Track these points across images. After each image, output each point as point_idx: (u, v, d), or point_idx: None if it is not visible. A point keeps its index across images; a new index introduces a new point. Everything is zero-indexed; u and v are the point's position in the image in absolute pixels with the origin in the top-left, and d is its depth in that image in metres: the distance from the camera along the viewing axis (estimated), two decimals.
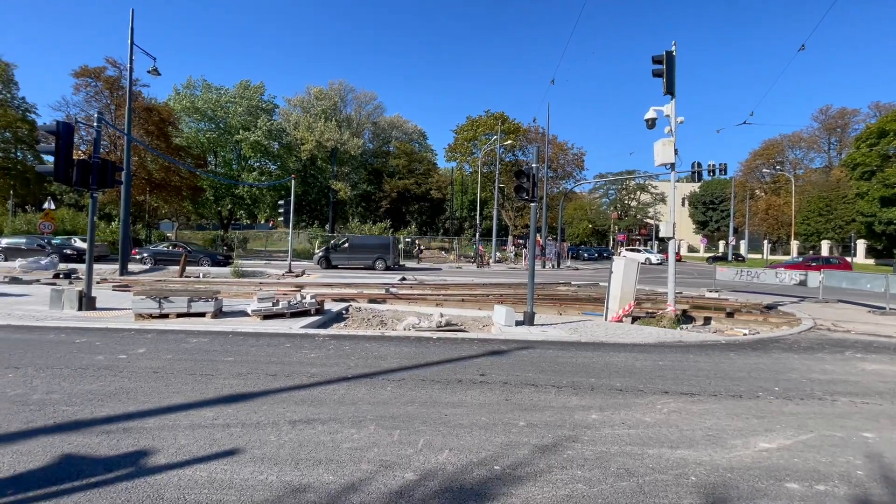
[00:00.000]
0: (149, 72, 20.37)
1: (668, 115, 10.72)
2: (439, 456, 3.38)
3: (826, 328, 9.97)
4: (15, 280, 15.09)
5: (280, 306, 9.23)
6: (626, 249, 50.01)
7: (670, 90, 10.55)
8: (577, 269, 33.84)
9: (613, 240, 69.30)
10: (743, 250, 53.49)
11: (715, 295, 14.97)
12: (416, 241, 36.84)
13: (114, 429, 3.72)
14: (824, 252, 47.84)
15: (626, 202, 69.61)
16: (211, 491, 2.82)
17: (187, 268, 20.39)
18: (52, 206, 28.82)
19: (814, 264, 28.35)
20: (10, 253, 23.76)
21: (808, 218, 49.66)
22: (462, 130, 51.08)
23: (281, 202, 25.25)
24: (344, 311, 10.81)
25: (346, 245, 26.08)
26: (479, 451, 3.50)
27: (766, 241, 55.37)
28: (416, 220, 60.32)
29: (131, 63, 19.23)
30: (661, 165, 10.90)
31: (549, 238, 40.74)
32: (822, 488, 3.08)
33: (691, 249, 65.73)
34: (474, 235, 42.83)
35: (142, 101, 30.25)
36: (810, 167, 60.22)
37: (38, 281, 15.26)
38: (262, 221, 56.64)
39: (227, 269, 21.75)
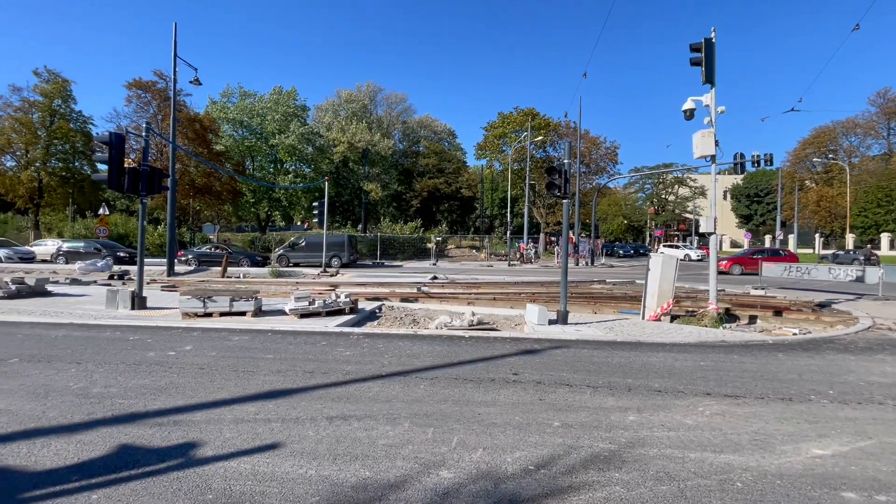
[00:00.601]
0: (191, 82, 21.39)
1: (707, 105, 10.28)
2: (473, 454, 3.39)
3: (887, 327, 9.30)
4: (75, 281, 16.21)
5: (316, 305, 9.48)
6: (664, 245, 48.34)
7: (710, 79, 10.11)
8: (612, 266, 33.01)
9: (650, 236, 67.11)
10: (792, 245, 50.55)
11: (761, 292, 14.25)
12: (435, 241, 37.03)
13: (165, 421, 3.94)
14: (884, 246, 44.57)
15: (663, 196, 67.18)
16: (254, 483, 2.94)
17: (228, 268, 21.29)
18: (107, 212, 30.74)
19: (757, 256, 27.64)
20: (71, 256, 25.55)
21: (865, 209, 46.39)
22: (492, 128, 50.74)
23: (315, 204, 25.94)
24: (377, 310, 10.99)
25: (304, 244, 27.44)
26: (512, 450, 3.48)
27: (817, 235, 52.11)
28: (446, 219, 60.46)
29: (175, 74, 20.24)
30: (701, 158, 10.47)
31: (583, 235, 39.93)
32: (884, 499, 2.89)
33: (734, 245, 62.77)
34: (505, 234, 42.52)
35: (185, 110, 31.83)
36: (867, 155, 56.08)
37: (95, 282, 16.33)
38: (298, 223, 58.32)
39: (265, 270, 22.56)
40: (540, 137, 44.11)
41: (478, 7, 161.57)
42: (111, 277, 17.91)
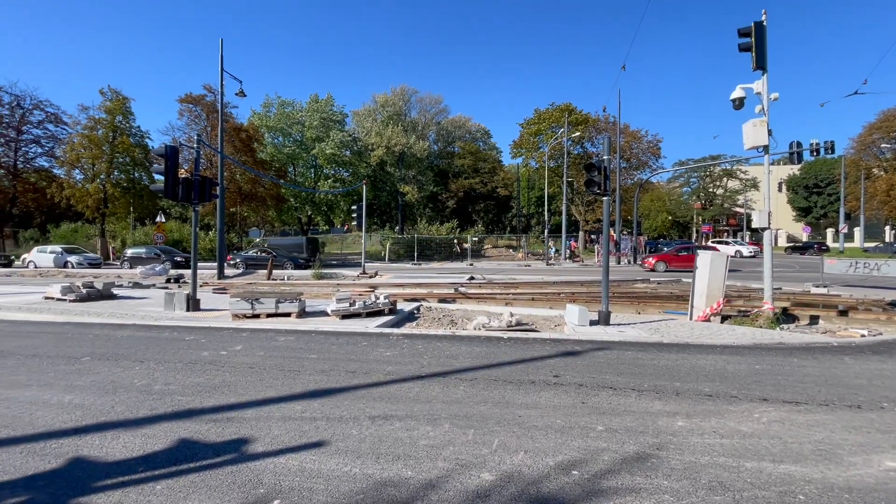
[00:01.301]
0: (236, 94, 22.47)
1: (758, 93, 9.70)
2: (514, 457, 3.37)
3: None
4: (136, 285, 17.41)
5: (356, 306, 9.72)
6: (713, 242, 45.95)
7: (761, 65, 9.54)
8: None
9: (697, 232, 64.03)
10: (858, 239, 46.73)
11: (823, 290, 13.27)
12: (472, 241, 36.93)
13: (219, 418, 4.16)
14: None
15: (710, 190, 63.86)
16: (302, 479, 3.05)
17: (273, 271, 22.18)
18: (163, 219, 32.81)
19: (683, 253, 27.27)
20: (134, 261, 27.53)
21: None
22: (527, 125, 50.07)
23: (354, 207, 26.56)
24: (415, 311, 11.12)
25: (267, 246, 30.13)
26: (555, 454, 3.42)
27: (888, 228, 47.88)
28: (482, 219, 60.29)
29: (222, 88, 21.34)
30: (753, 149, 9.90)
31: (624, 232, 38.65)
32: None
33: (791, 239, 58.74)
34: (542, 232, 41.85)
35: (231, 121, 33.49)
36: None
37: (153, 285, 17.48)
38: (338, 226, 60.00)
39: (307, 272, 23.34)
40: (577, 133, 43.12)
41: (510, 4, 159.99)
42: (168, 281, 19.11)
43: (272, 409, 4.41)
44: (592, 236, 47.32)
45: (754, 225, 10.28)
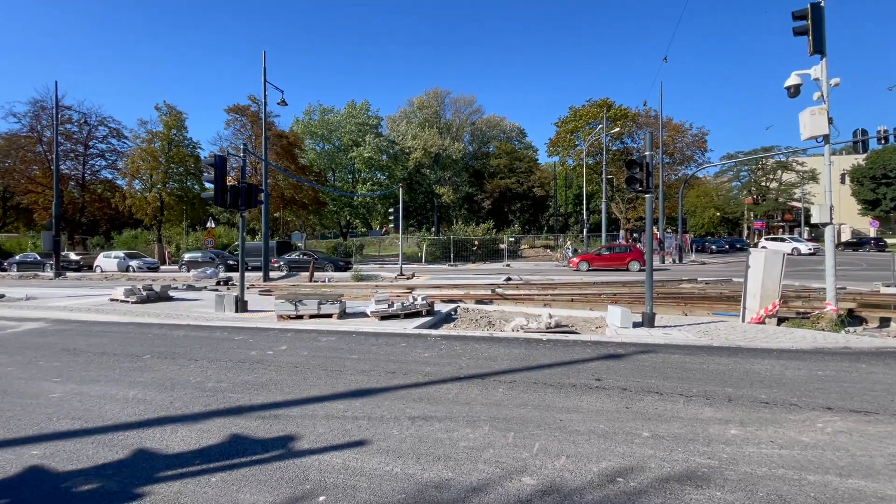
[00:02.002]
0: (278, 103, 23.40)
1: (816, 79, 9.07)
2: (556, 462, 3.31)
3: None
4: (190, 287, 18.47)
5: (395, 308, 9.86)
6: (767, 239, 43.25)
7: (819, 49, 8.91)
8: (704, 263, 30.28)
9: (749, 228, 60.57)
10: None
11: (894, 290, 12.20)
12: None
13: (267, 415, 4.34)
14: None
15: (762, 184, 60.21)
16: (345, 476, 3.13)
17: (315, 273, 22.91)
18: (213, 225, 34.59)
19: (605, 253, 27.11)
20: (192, 265, 29.32)
21: None
22: (563, 123, 49.11)
23: (391, 210, 27.00)
24: (452, 312, 11.15)
25: (237, 252, 30.47)
26: (598, 460, 3.34)
27: None
28: (518, 219, 59.65)
29: (265, 98, 22.28)
30: (811, 139, 9.24)
31: (668, 230, 37.14)
32: None
33: (856, 234, 54.37)
34: (581, 232, 40.87)
35: (274, 128, 34.90)
36: None
37: (205, 288, 18.47)
38: (376, 228, 61.17)
39: (347, 274, 23.95)
40: (616, 129, 41.83)
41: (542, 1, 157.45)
42: (218, 283, 20.15)
43: (316, 407, 4.55)
44: (634, 235, 45.73)
45: (814, 220, 9.61)
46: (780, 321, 9.09)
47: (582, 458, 3.38)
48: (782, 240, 40.71)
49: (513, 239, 40.37)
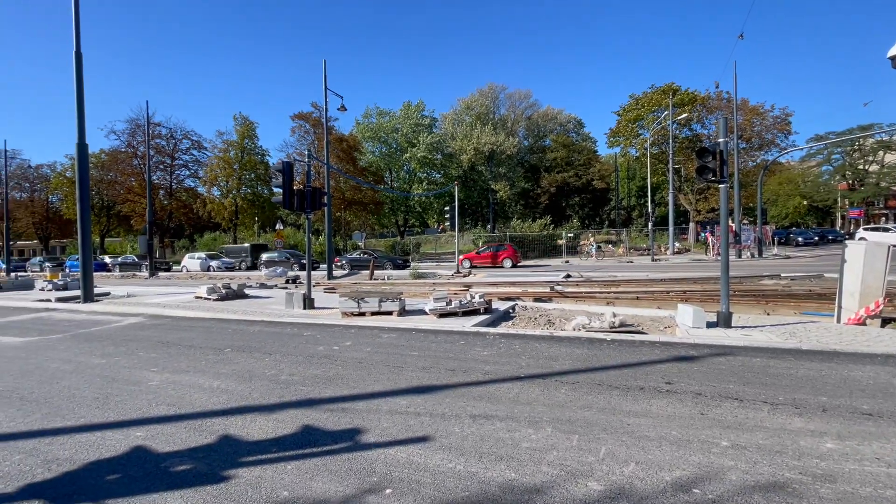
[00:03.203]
0: (338, 109, 24.43)
1: None
2: (625, 468, 3.17)
3: None
4: (262, 285, 19.83)
5: (453, 305, 9.95)
6: (865, 228, 38.44)
7: None
8: (788, 257, 27.60)
9: (842, 217, 54.19)
10: None
11: None
12: (567, 237, 35.37)
13: (335, 408, 4.56)
14: None
15: (860, 167, 53.47)
16: (410, 471, 3.21)
17: (375, 271, 23.69)
18: (281, 227, 36.81)
19: (484, 251, 27.91)
20: (269, 264, 31.55)
21: None
22: (624, 111, 46.71)
23: (447, 208, 27.26)
24: (510, 310, 11.04)
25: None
26: (671, 468, 3.15)
27: None
28: (577, 214, 57.75)
29: (326, 105, 23.34)
30: None
31: (745, 222, 34.24)
32: None
33: None
34: (645, 225, 38.74)
35: (335, 133, 36.49)
36: None
37: (276, 286, 19.75)
38: (432, 226, 62.02)
39: (405, 272, 24.51)
40: (684, 115, 39.08)
41: None
42: (287, 282, 21.46)
43: (380, 402, 4.70)
44: (708, 227, 42.61)
45: None
46: (885, 322, 8.05)
47: (653, 465, 3.21)
48: (886, 229, 35.91)
49: (572, 234, 39.16)
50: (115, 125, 59.61)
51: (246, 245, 38.65)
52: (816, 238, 39.26)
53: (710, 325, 8.14)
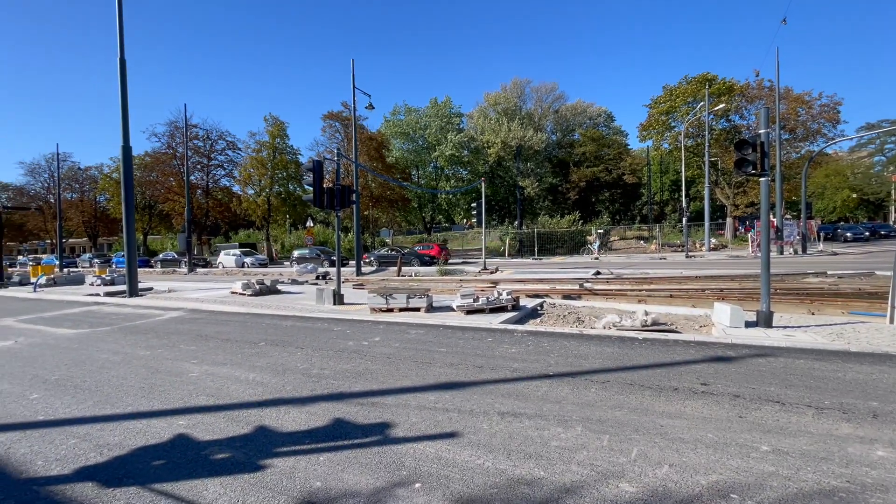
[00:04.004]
0: (366, 108, 24.71)
1: None
2: (658, 471, 3.10)
3: None
4: (294, 281, 20.36)
5: (480, 302, 9.93)
6: None
7: None
8: (835, 253, 26.11)
9: None
10: None
11: None
12: (597, 233, 34.59)
13: (364, 402, 4.65)
14: None
15: None
16: (439, 466, 3.24)
17: (402, 268, 23.91)
18: (311, 224, 37.62)
19: (418, 249, 30.34)
20: (300, 260, 32.43)
21: None
22: (656, 103, 45.14)
23: (473, 204, 27.19)
24: (538, 307, 10.93)
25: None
26: (707, 472, 3.06)
27: None
28: (607, 210, 56.44)
29: (354, 104, 23.67)
30: None
31: (788, 216, 32.60)
32: None
33: None
34: (679, 220, 37.45)
35: (364, 131, 36.99)
36: None
37: (307, 282, 20.24)
38: (459, 223, 61.99)
39: (432, 269, 24.62)
40: (722, 105, 37.45)
41: None
42: (318, 278, 21.96)
43: (409, 397, 4.76)
44: (747, 222, 40.78)
45: None
46: None
47: (688, 468, 3.12)
48: None
49: (601, 230, 38.30)
50: (155, 128, 62.28)
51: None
52: (867, 233, 37.01)
53: (748, 324, 7.81)
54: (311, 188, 12.02)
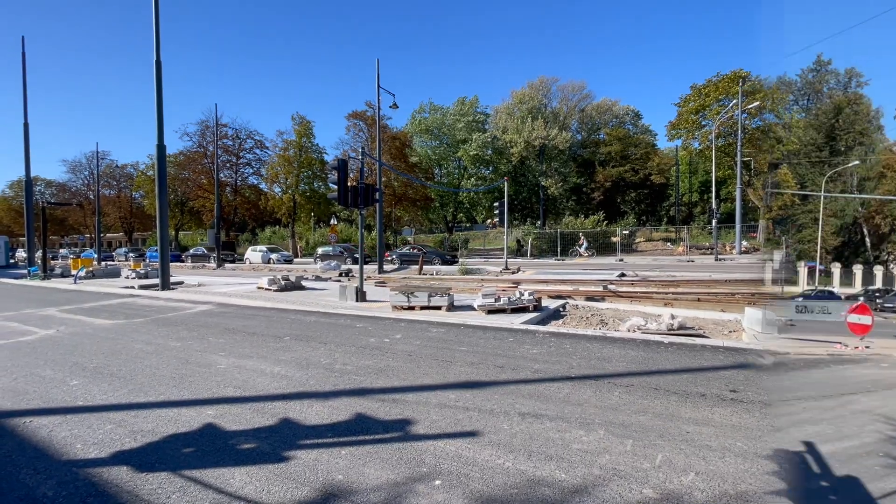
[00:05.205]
0: (390, 107, 24.94)
1: None
2: (683, 478, 3.02)
3: None
4: (318, 278, 20.74)
5: (501, 302, 9.89)
6: None
7: None
8: None
9: None
10: None
11: None
12: (621, 234, 33.88)
13: (386, 398, 4.70)
14: None
15: None
16: (458, 464, 3.25)
17: (424, 266, 24.02)
18: (335, 222, 38.18)
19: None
20: (325, 257, 32.94)
21: None
22: (685, 102, 43.90)
23: (496, 204, 27.08)
24: (561, 309, 10.81)
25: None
26: (736, 482, 2.96)
27: None
28: (633, 210, 55.20)
29: (378, 102, 23.91)
30: None
31: None
32: None
33: None
34: (708, 222, 36.34)
35: (388, 131, 37.31)
36: None
37: (330, 279, 20.58)
38: (481, 222, 61.82)
39: (453, 268, 24.65)
40: (756, 103, 36.12)
41: None
42: (341, 275, 22.30)
43: (429, 395, 4.79)
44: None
45: None
46: None
47: (715, 476, 3.03)
48: None
49: (627, 231, 37.53)
50: (187, 127, 64.25)
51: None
52: None
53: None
54: (336, 186, 12.20)
